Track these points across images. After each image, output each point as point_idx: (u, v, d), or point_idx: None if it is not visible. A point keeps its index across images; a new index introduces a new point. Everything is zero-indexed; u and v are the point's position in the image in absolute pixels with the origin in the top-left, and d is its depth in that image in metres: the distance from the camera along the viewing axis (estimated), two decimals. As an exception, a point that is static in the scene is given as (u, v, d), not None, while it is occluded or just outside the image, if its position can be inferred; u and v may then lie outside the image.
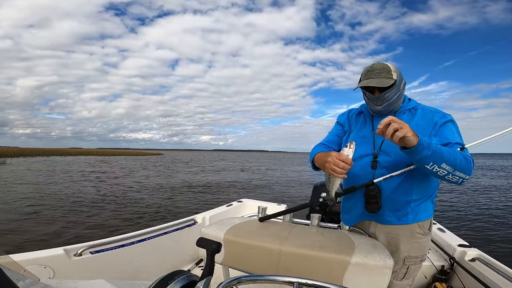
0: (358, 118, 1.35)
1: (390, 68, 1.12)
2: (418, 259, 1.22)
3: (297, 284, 0.62)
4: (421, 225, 1.19)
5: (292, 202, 9.10)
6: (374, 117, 1.27)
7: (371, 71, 1.13)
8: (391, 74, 1.11)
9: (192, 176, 18.19)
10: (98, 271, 1.55)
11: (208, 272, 0.59)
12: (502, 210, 8.36)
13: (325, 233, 1.28)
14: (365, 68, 1.18)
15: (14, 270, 0.48)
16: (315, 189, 2.26)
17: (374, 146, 1.21)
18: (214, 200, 9.44)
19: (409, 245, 1.19)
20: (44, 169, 21.40)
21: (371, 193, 1.16)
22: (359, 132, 1.29)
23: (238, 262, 1.19)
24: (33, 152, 53.00)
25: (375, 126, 1.18)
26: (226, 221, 1.39)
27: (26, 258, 1.32)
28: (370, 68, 1.15)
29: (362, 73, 1.18)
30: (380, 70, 1.12)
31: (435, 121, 1.14)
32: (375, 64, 1.15)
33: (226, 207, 2.87)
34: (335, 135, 1.39)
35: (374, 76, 1.12)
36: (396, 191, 1.16)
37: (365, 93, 1.19)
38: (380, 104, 1.17)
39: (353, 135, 1.30)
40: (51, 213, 7.04)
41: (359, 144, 1.17)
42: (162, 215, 7.22)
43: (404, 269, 1.21)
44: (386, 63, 1.15)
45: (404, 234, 1.20)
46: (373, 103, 1.18)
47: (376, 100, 1.17)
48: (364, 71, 1.17)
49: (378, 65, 1.14)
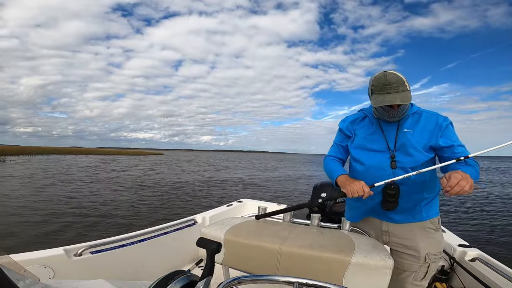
0: (363, 123, 1.35)
1: (403, 79, 1.11)
2: (438, 255, 1.25)
3: (297, 284, 0.62)
4: (433, 221, 1.26)
5: (293, 202, 9.10)
6: (381, 120, 1.27)
7: (388, 85, 1.09)
8: (406, 85, 1.11)
9: (192, 176, 18.19)
10: (98, 271, 1.55)
11: (208, 272, 0.59)
12: (502, 210, 8.36)
13: (325, 233, 1.28)
14: (376, 78, 1.14)
15: (14, 270, 0.48)
16: (315, 189, 2.26)
17: (388, 146, 1.23)
18: (214, 200, 9.44)
19: (427, 241, 1.23)
20: (42, 167, 21.37)
21: (391, 192, 1.17)
22: (368, 134, 1.30)
23: (238, 262, 1.19)
24: (33, 151, 52.99)
25: (384, 130, 1.25)
26: (226, 221, 1.39)
27: (26, 258, 1.32)
28: (385, 81, 1.10)
29: (373, 83, 1.14)
30: (396, 82, 1.09)
31: (440, 124, 1.19)
32: (389, 75, 1.10)
33: (226, 207, 2.87)
34: (340, 145, 1.40)
35: (394, 91, 1.09)
36: (411, 190, 1.20)
37: (381, 106, 1.17)
38: (396, 116, 1.18)
39: (361, 138, 1.31)
40: (51, 213, 7.03)
41: (370, 141, 1.27)
42: (162, 215, 7.21)
43: (424, 268, 1.24)
44: (395, 73, 1.12)
45: (419, 231, 1.24)
46: (389, 115, 1.19)
47: (394, 113, 1.17)
48: (378, 84, 1.12)
49: (393, 77, 1.10)
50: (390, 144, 1.24)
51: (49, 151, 59.95)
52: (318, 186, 2.27)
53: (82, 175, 16.73)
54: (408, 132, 1.21)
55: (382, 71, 1.14)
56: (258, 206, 1.53)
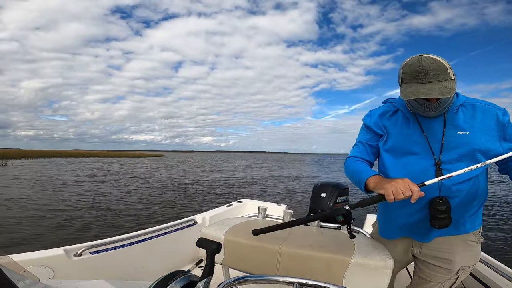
0: (395, 118, 1.09)
1: (445, 65, 0.87)
2: (472, 267, 1.10)
3: (297, 284, 0.62)
4: (475, 233, 1.08)
5: (292, 202, 9.10)
6: (419, 116, 1.03)
7: (423, 73, 0.87)
8: (449, 73, 0.88)
9: (192, 176, 18.19)
10: (98, 271, 1.55)
11: (208, 272, 0.59)
12: (502, 210, 8.36)
13: (325, 233, 1.28)
14: (407, 64, 0.90)
15: (14, 270, 0.48)
16: (315, 189, 2.25)
17: (432, 150, 0.99)
18: (214, 200, 9.43)
19: (463, 255, 1.06)
20: (44, 170, 21.40)
21: (441, 208, 0.95)
22: (405, 136, 1.04)
23: (238, 263, 1.18)
24: (35, 154, 53.05)
25: (425, 129, 1.00)
26: (226, 221, 1.39)
27: (26, 258, 1.31)
28: (420, 67, 0.87)
29: (403, 70, 0.91)
30: (435, 70, 0.86)
31: (500, 120, 0.96)
32: (425, 60, 0.87)
33: (226, 207, 2.87)
34: (368, 144, 1.14)
35: (431, 80, 0.86)
36: (463, 201, 0.99)
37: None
38: (435, 110, 0.95)
39: (395, 138, 1.06)
40: (50, 213, 7.03)
41: (407, 143, 1.02)
42: (162, 215, 7.21)
43: (452, 280, 1.10)
44: (434, 57, 0.88)
45: (459, 244, 1.06)
46: (425, 109, 0.95)
47: (432, 107, 0.94)
48: (409, 71, 0.89)
49: (431, 63, 0.87)
50: (434, 147, 0.99)
51: (50, 154, 60.00)
52: (318, 186, 2.27)
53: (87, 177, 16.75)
54: (463, 134, 0.96)
55: (416, 55, 0.90)
56: (258, 206, 1.53)
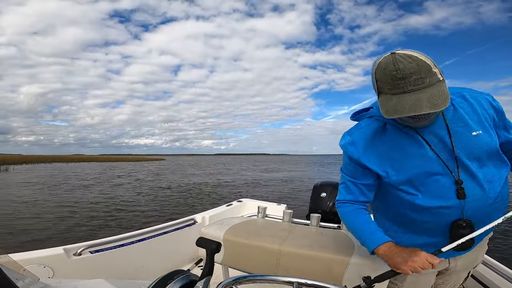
0: (389, 137, 0.85)
1: (428, 64, 0.68)
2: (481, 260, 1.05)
3: (297, 284, 0.62)
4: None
5: (293, 201, 9.09)
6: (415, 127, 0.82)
7: (402, 79, 0.67)
8: (434, 72, 0.68)
9: (192, 177, 18.18)
10: (98, 270, 1.55)
11: (207, 272, 0.59)
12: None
13: (325, 233, 1.28)
14: (380, 68, 0.70)
15: (13, 269, 0.48)
16: (315, 189, 2.25)
17: (446, 165, 0.79)
18: (214, 200, 9.43)
19: (482, 254, 1.01)
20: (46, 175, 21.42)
21: (465, 232, 0.79)
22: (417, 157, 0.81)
23: (237, 262, 1.18)
24: (35, 159, 53.12)
25: (429, 139, 0.80)
26: (226, 221, 1.38)
27: (26, 258, 1.31)
28: (397, 71, 0.67)
29: (377, 77, 0.72)
30: (417, 73, 0.66)
31: (496, 107, 0.85)
32: (400, 61, 0.67)
33: (226, 207, 2.87)
34: (361, 184, 0.90)
35: (414, 88, 0.67)
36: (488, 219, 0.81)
37: None
38: (428, 120, 0.76)
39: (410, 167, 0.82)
40: (50, 213, 7.03)
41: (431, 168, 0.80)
42: (162, 214, 7.21)
43: (465, 274, 1.03)
44: (411, 53, 0.68)
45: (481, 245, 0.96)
46: (415, 121, 0.76)
47: (424, 117, 0.74)
48: (384, 78, 0.70)
49: (409, 64, 0.66)
50: (448, 159, 0.79)
51: (51, 159, 60.22)
52: (318, 186, 2.27)
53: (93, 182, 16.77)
54: (478, 135, 0.79)
55: (388, 54, 0.70)
56: (257, 206, 1.53)
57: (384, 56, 0.71)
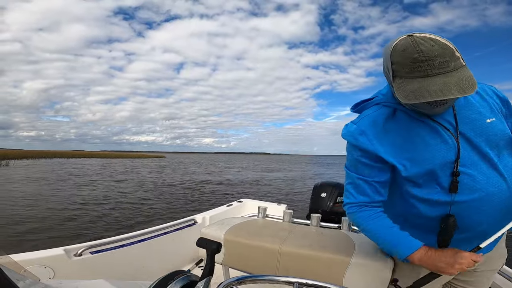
0: (404, 124, 0.79)
1: (451, 47, 0.64)
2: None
3: (297, 284, 0.62)
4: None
5: (293, 201, 9.10)
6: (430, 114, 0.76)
7: (425, 61, 0.63)
8: (458, 56, 0.65)
9: (192, 176, 18.19)
10: (98, 271, 1.55)
11: (208, 272, 0.59)
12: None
13: (325, 233, 1.28)
14: (396, 51, 0.66)
15: (14, 270, 0.48)
16: (315, 189, 2.26)
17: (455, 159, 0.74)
18: (214, 200, 9.44)
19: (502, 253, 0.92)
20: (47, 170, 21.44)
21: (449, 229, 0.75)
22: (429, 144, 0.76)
23: (238, 262, 1.18)
24: (36, 155, 53.19)
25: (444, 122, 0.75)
26: (226, 221, 1.39)
27: (26, 258, 1.31)
28: (419, 54, 0.63)
29: (394, 60, 0.67)
30: (441, 56, 0.63)
31: (501, 96, 0.83)
32: (422, 43, 0.63)
33: (226, 207, 2.87)
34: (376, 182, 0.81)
35: (439, 71, 0.63)
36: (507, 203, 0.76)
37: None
38: (444, 105, 0.70)
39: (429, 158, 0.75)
40: (51, 213, 7.04)
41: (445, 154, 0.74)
42: (162, 215, 7.22)
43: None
44: (435, 36, 0.65)
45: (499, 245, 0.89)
46: (431, 107, 0.71)
47: (440, 104, 0.69)
48: (403, 60, 0.65)
49: (431, 46, 0.63)
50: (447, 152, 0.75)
51: (52, 154, 60.25)
52: (318, 186, 2.27)
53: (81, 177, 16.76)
54: (492, 122, 0.76)
55: (404, 36, 0.66)
56: (258, 206, 1.54)
57: (399, 38, 0.67)
